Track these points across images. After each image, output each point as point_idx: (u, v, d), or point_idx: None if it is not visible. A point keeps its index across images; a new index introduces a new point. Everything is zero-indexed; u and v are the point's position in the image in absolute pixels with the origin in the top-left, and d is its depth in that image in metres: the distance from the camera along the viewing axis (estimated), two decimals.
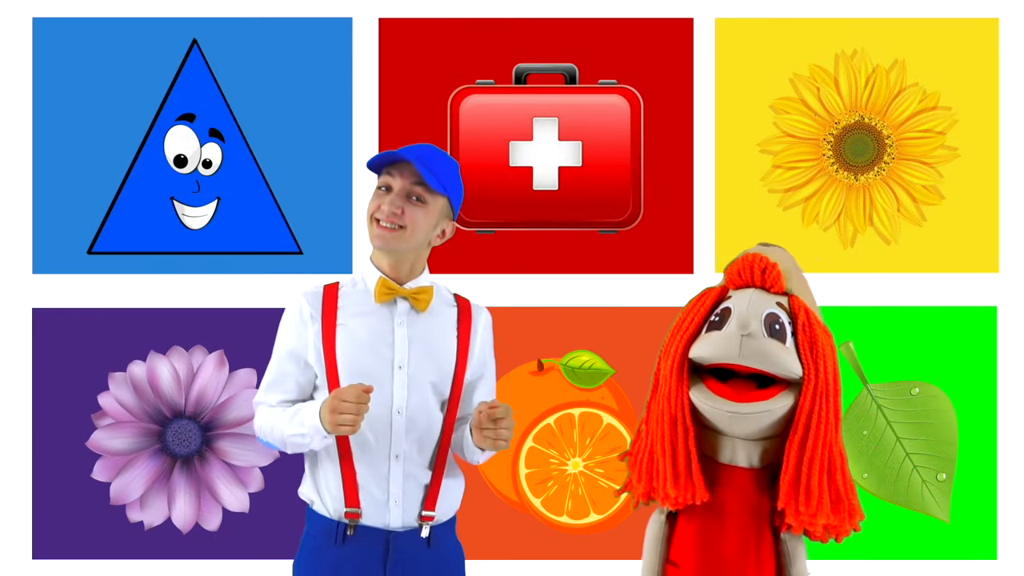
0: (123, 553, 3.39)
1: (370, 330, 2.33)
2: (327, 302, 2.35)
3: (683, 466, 2.09)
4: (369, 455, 2.29)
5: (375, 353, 2.31)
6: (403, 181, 2.34)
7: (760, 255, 2.14)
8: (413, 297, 2.34)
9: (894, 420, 3.40)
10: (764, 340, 2.04)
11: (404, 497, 2.30)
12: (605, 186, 3.44)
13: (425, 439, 2.32)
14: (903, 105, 3.42)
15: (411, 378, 2.31)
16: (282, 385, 2.36)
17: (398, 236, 2.32)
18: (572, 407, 3.44)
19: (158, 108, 3.42)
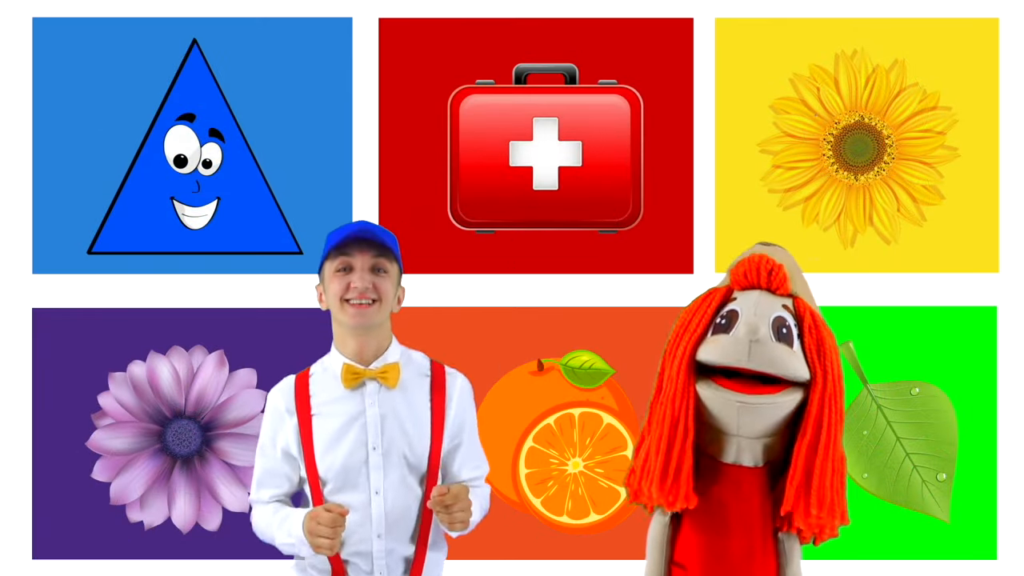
0: (123, 553, 3.40)
1: (343, 416, 2.37)
2: (299, 394, 2.40)
3: (673, 468, 2.08)
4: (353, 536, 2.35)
5: (349, 438, 2.36)
6: (363, 257, 2.37)
7: (766, 256, 2.14)
8: (381, 376, 2.38)
9: (894, 420, 3.40)
10: (773, 345, 2.04)
11: (388, 570, 2.36)
12: (605, 186, 3.44)
13: (405, 515, 2.37)
14: (903, 105, 3.42)
15: (385, 457, 2.35)
16: (271, 481, 2.44)
17: (374, 311, 2.36)
18: (572, 407, 3.44)
19: (158, 108, 3.42)
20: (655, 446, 2.11)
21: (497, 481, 3.41)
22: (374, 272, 2.37)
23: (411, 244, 3.42)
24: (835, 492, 2.07)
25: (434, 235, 3.42)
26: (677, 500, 2.09)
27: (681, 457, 2.08)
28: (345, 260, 2.38)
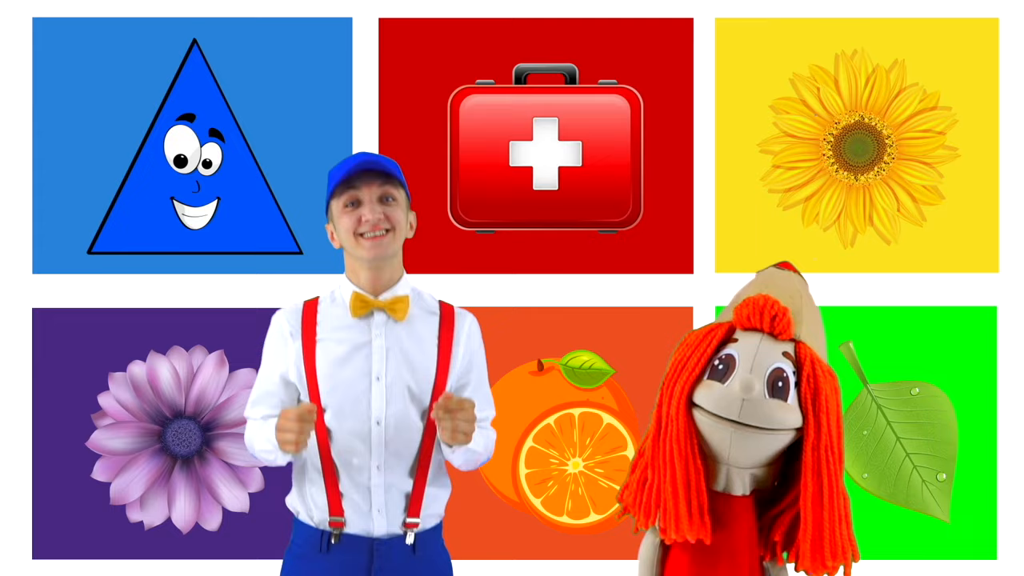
0: (123, 553, 3.40)
1: (347, 344, 2.35)
2: (306, 319, 2.38)
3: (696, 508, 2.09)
4: (351, 466, 2.32)
5: (352, 366, 2.34)
6: (370, 188, 2.35)
7: (770, 300, 2.11)
8: (389, 307, 2.36)
9: (894, 420, 3.40)
10: (765, 403, 2.04)
11: (387, 506, 2.32)
12: (605, 186, 3.44)
13: (406, 448, 2.34)
14: (903, 105, 3.42)
15: (389, 388, 2.33)
16: (266, 401, 2.41)
17: (389, 240, 2.35)
18: (572, 407, 3.44)
19: (158, 108, 3.42)
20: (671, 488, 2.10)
21: (497, 481, 3.41)
22: (383, 202, 2.35)
23: (411, 244, 3.41)
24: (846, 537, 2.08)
25: (434, 235, 3.42)
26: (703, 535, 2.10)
27: (700, 495, 2.09)
28: (352, 194, 2.35)
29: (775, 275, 2.19)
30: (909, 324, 3.41)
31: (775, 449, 2.07)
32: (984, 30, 3.42)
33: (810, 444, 2.05)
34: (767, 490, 2.14)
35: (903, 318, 3.42)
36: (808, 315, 2.14)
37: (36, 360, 3.41)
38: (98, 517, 3.39)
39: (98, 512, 3.39)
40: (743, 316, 2.12)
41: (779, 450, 2.08)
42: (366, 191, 2.35)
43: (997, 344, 3.41)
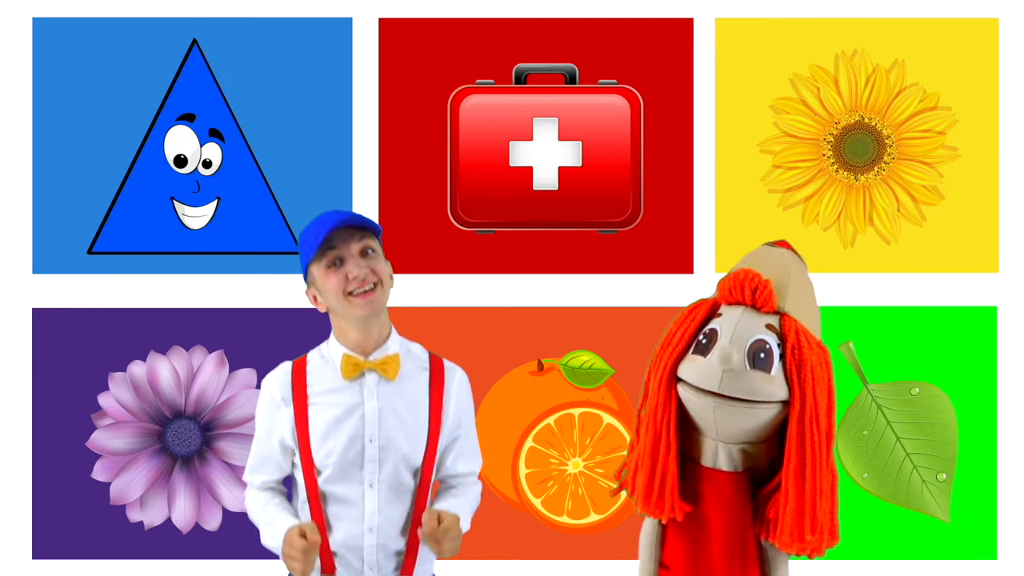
0: (123, 553, 3.40)
1: (340, 407, 2.35)
2: (296, 383, 2.38)
3: (658, 483, 2.10)
4: (343, 527, 2.34)
5: (345, 430, 2.33)
6: (349, 244, 2.33)
7: (752, 272, 2.10)
8: (381, 368, 2.35)
9: (894, 420, 3.40)
10: (746, 374, 2.03)
11: (379, 565, 2.34)
12: (605, 186, 3.44)
13: (398, 510, 2.35)
14: (903, 105, 3.41)
15: (382, 451, 2.33)
16: (263, 468, 2.42)
17: (379, 294, 2.34)
18: (572, 407, 3.43)
19: (158, 108, 3.42)
20: (640, 460, 2.12)
21: (497, 481, 3.41)
22: (364, 256, 2.34)
23: (411, 244, 3.42)
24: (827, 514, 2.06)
25: (434, 235, 3.42)
26: (663, 512, 2.11)
27: (664, 471, 2.09)
28: (334, 254, 2.33)
29: (766, 251, 2.19)
30: (909, 324, 3.41)
31: (761, 422, 2.06)
32: (984, 30, 3.42)
33: (795, 416, 2.03)
34: (764, 469, 2.13)
35: (903, 318, 3.41)
36: (796, 290, 2.12)
37: (36, 360, 3.40)
38: (98, 517, 3.39)
39: (98, 512, 3.39)
40: (725, 290, 2.13)
41: (767, 423, 2.06)
42: (346, 248, 2.33)
43: (997, 344, 3.41)
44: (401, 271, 3.39)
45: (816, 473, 2.03)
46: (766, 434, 2.08)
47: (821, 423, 2.04)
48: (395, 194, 3.42)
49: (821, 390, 2.04)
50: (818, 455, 2.04)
